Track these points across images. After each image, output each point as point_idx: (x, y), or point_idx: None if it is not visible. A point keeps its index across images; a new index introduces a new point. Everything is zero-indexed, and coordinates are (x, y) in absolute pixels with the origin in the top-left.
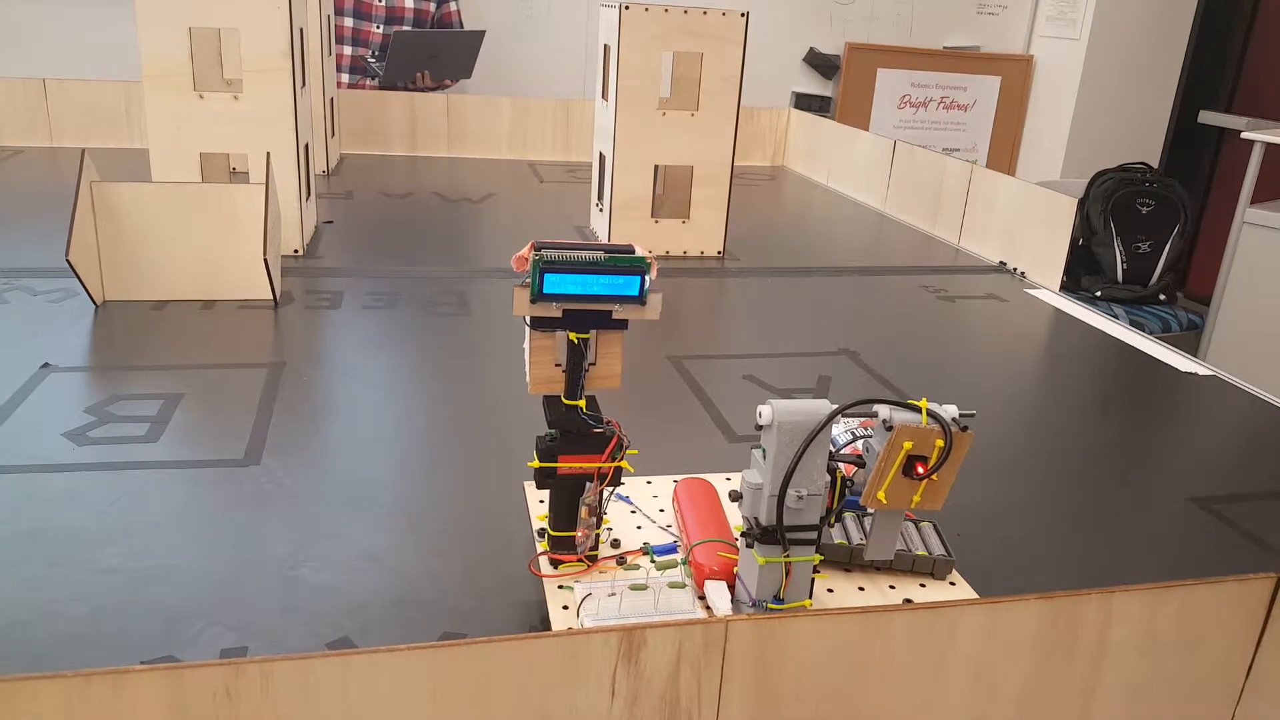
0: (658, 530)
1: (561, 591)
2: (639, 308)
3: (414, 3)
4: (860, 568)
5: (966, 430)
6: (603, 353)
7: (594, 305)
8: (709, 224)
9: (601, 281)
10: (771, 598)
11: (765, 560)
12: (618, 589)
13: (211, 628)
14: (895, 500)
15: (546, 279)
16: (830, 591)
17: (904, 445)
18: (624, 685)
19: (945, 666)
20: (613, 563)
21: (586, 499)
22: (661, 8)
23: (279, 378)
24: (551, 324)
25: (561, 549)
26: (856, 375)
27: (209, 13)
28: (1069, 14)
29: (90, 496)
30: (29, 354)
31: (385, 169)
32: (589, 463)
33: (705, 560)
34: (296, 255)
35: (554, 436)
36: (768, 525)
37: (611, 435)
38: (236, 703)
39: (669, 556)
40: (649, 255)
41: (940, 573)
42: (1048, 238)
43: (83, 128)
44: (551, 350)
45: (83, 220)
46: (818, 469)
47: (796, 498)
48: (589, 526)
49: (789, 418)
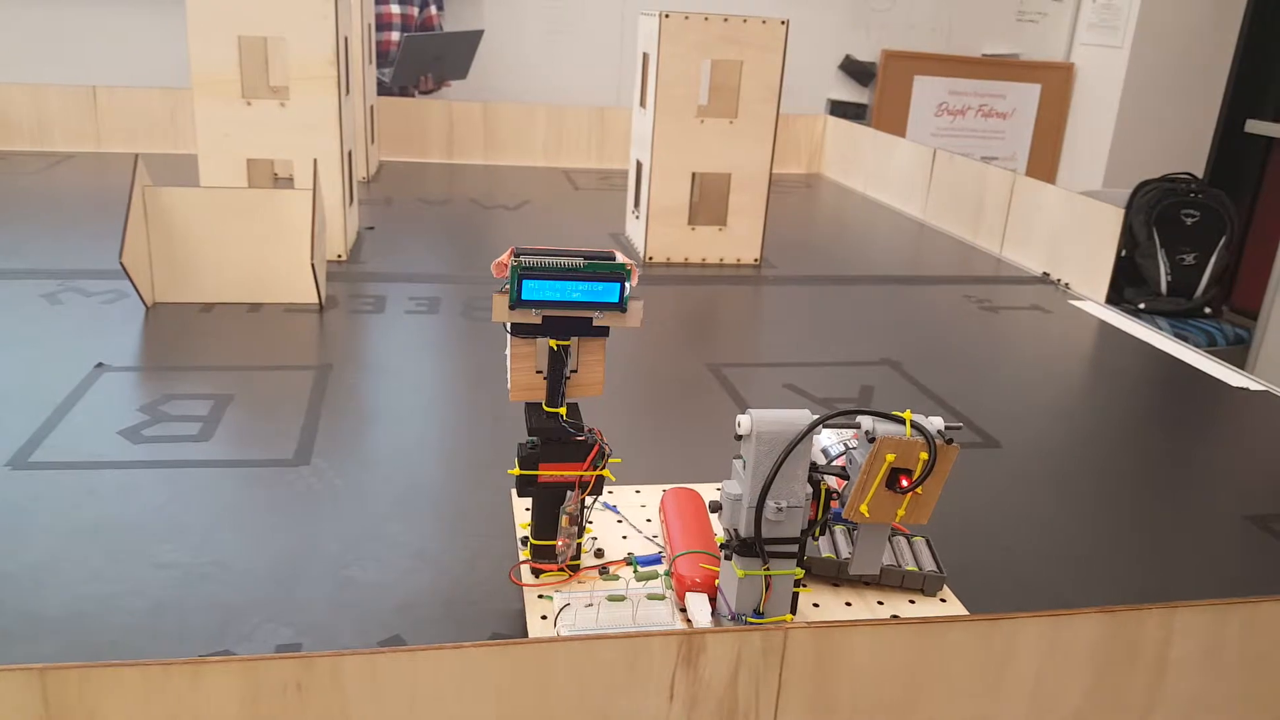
0: (644, 541)
1: (541, 601)
2: (620, 315)
3: (400, 8)
4: (849, 583)
5: (951, 443)
6: (585, 360)
7: (574, 312)
8: (746, 231)
9: (580, 288)
10: (751, 611)
11: (744, 573)
12: (595, 599)
13: (266, 624)
14: (879, 514)
15: (525, 285)
16: (816, 606)
17: (887, 457)
18: (683, 690)
19: (1003, 679)
20: (594, 573)
21: (567, 508)
22: (701, 16)
23: (326, 380)
24: (532, 330)
25: (542, 558)
26: (900, 386)
27: (257, 21)
28: (1111, 21)
29: (146, 493)
30: (83, 354)
31: (423, 176)
32: (570, 471)
33: (687, 572)
34: (340, 260)
35: (535, 444)
36: (746, 537)
37: (593, 444)
38: (306, 695)
39: (651, 568)
40: (629, 262)
41: (931, 589)
42: (1093, 249)
43: (130, 134)
44: (532, 357)
45: (135, 224)
46: (798, 480)
47: (776, 509)
48: (570, 536)
49: (768, 427)
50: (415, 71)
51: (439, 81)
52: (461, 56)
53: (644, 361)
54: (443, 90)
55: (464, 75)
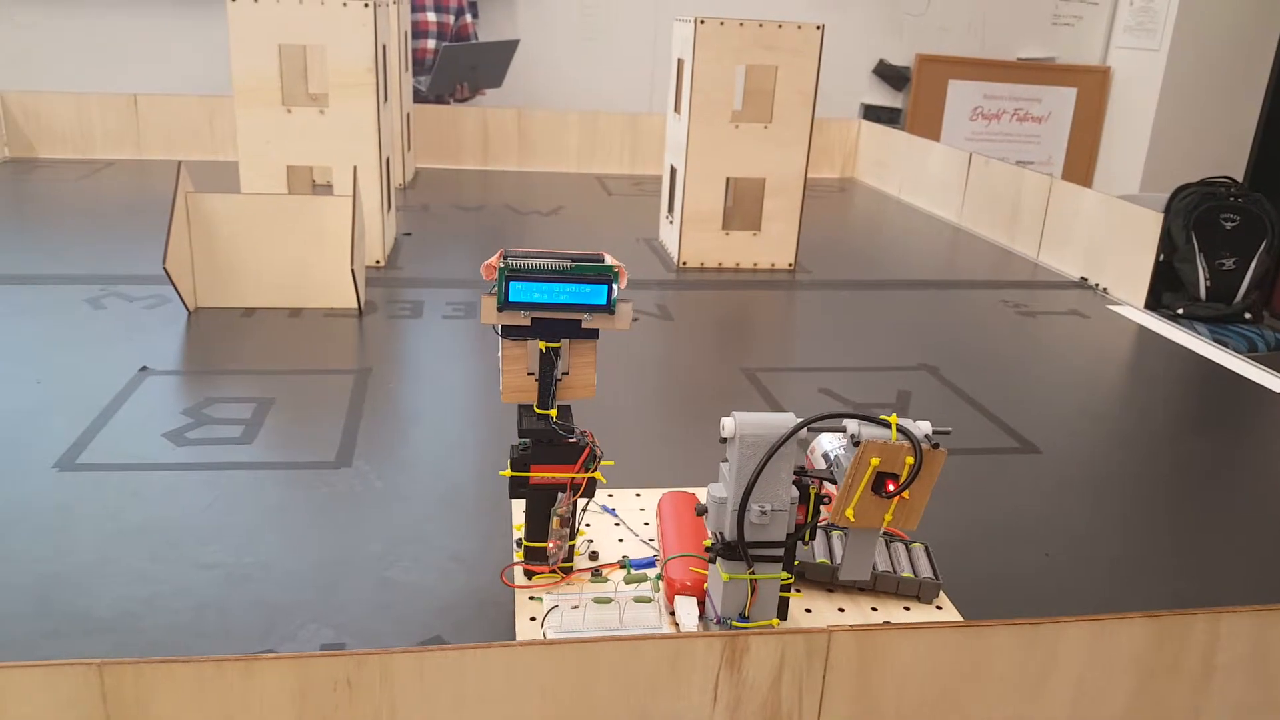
0: (639, 544)
1: (531, 603)
2: (608, 317)
3: (436, 17)
4: (843, 588)
5: (938, 448)
6: (576, 362)
7: (562, 314)
8: (780, 236)
9: (568, 290)
10: (737, 615)
11: (729, 576)
12: (583, 601)
13: (310, 624)
14: (865, 518)
15: (512, 287)
16: (808, 612)
17: (871, 461)
18: (726, 691)
19: (1046, 683)
20: (586, 575)
21: (558, 510)
22: (736, 22)
23: (365, 383)
24: (521, 332)
25: (535, 560)
26: (938, 391)
27: (298, 30)
28: (1148, 24)
29: (190, 495)
30: (128, 357)
31: (458, 182)
32: (561, 473)
33: (677, 575)
34: (378, 266)
35: (526, 446)
36: (731, 540)
37: (584, 446)
38: (356, 692)
39: (641, 571)
40: (617, 265)
41: (926, 596)
42: (1132, 253)
43: (169, 141)
44: (523, 359)
45: (178, 230)
46: (782, 484)
47: (760, 513)
48: (561, 538)
49: (750, 430)
50: (451, 81)
51: (474, 90)
52: (497, 66)
53: (679, 367)
54: (477, 98)
55: (499, 84)
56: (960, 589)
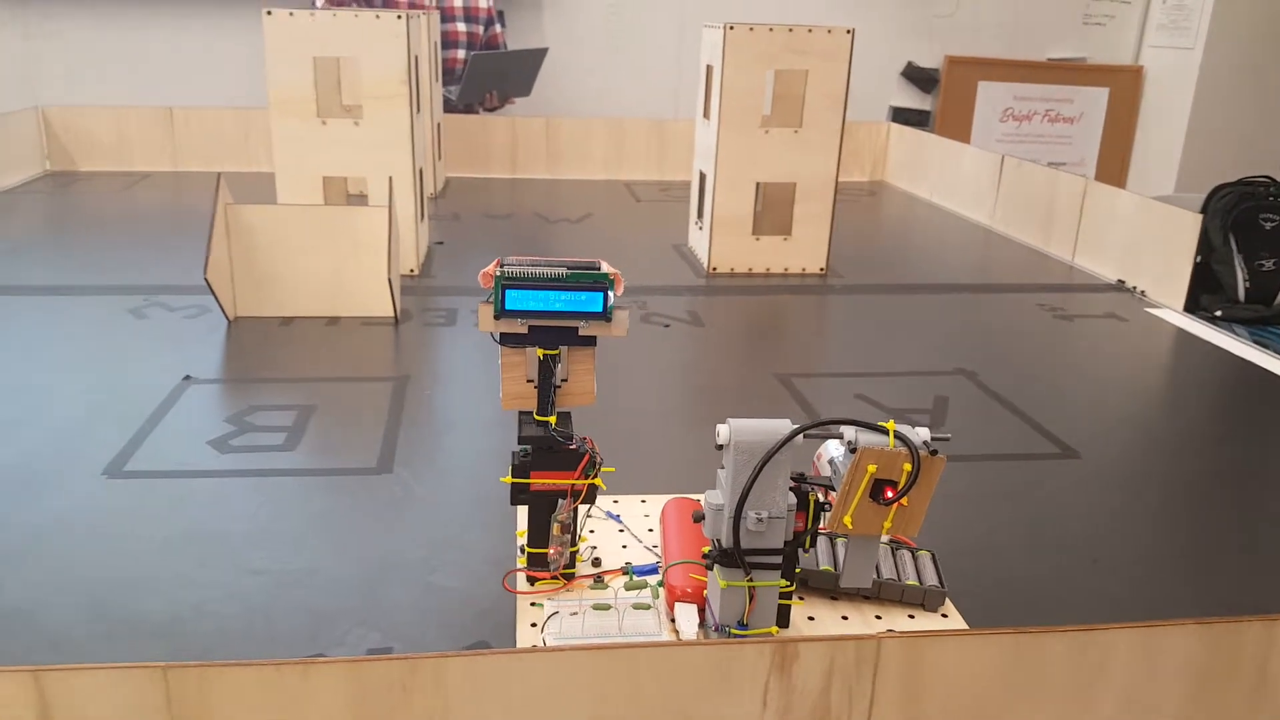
0: (643, 550)
1: (533, 609)
2: (605, 324)
3: (466, 27)
4: (848, 596)
5: (936, 454)
6: (574, 369)
7: (559, 321)
8: (811, 240)
9: (563, 298)
10: (735, 623)
11: (726, 584)
12: (582, 608)
13: (357, 629)
14: (863, 525)
15: (508, 295)
16: (811, 619)
17: (868, 468)
18: (776, 697)
19: (1096, 689)
20: (588, 581)
21: (559, 516)
22: (766, 27)
23: (404, 391)
24: (519, 339)
25: (537, 565)
26: (975, 396)
27: (333, 43)
28: (1182, 23)
29: (236, 501)
30: (170, 366)
31: (488, 191)
32: (561, 479)
33: (678, 582)
34: (412, 275)
35: (527, 452)
36: (728, 547)
37: (584, 453)
38: (410, 695)
39: (643, 578)
40: (613, 272)
41: (932, 604)
42: (1170, 255)
43: (205, 153)
44: (522, 366)
45: (218, 241)
46: (779, 490)
47: (756, 519)
48: (561, 544)
49: (745, 437)
50: (480, 90)
51: (503, 100)
52: (526, 75)
53: (712, 372)
54: (505, 107)
55: (528, 93)
56: (1000, 595)
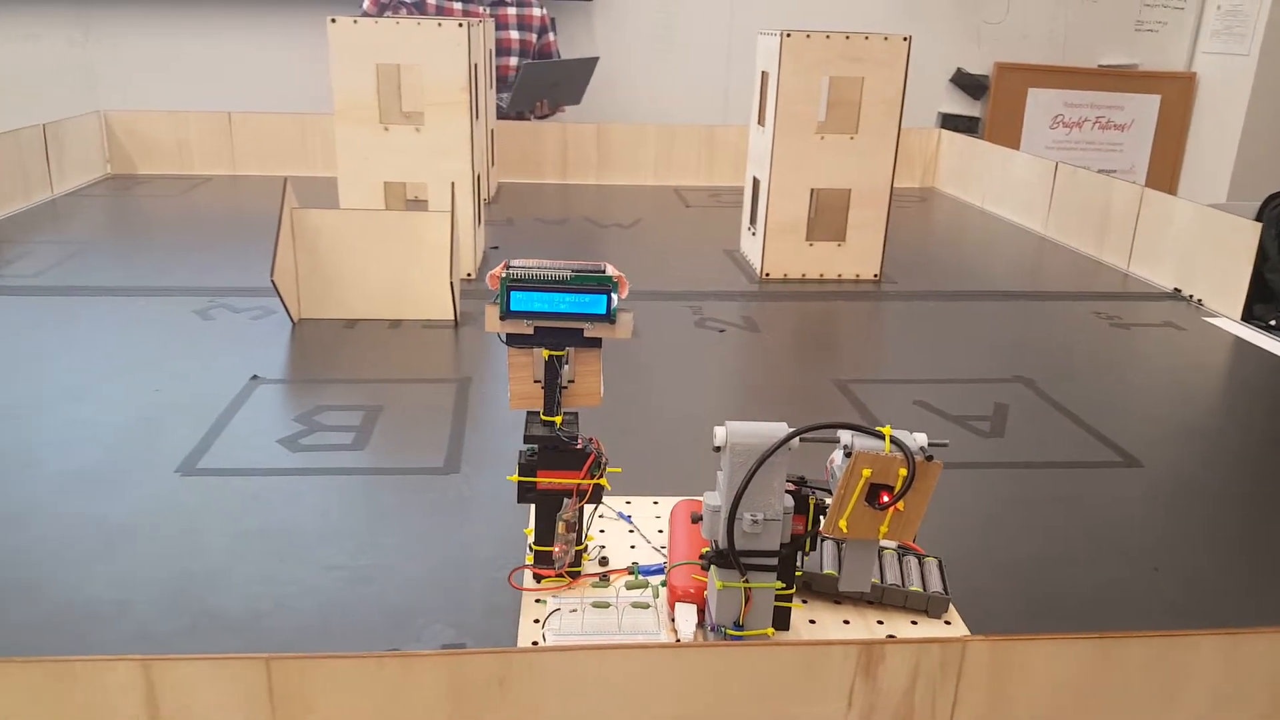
0: (651, 551)
1: (537, 606)
2: (609, 326)
3: (519, 35)
4: (851, 600)
5: (932, 460)
6: (580, 371)
7: (563, 323)
8: (865, 246)
9: (568, 300)
10: (731, 623)
11: (723, 584)
12: (582, 606)
13: (433, 624)
14: (859, 530)
15: (513, 296)
16: (812, 623)
17: (863, 473)
18: (860, 698)
19: (1179, 696)
20: (592, 580)
21: (564, 515)
22: (822, 34)
23: (467, 392)
24: (526, 340)
25: (543, 563)
26: (1034, 404)
27: (396, 50)
28: (1236, 29)
29: (308, 499)
30: (238, 367)
31: (540, 197)
32: (567, 478)
33: (679, 582)
34: (469, 279)
35: (533, 451)
36: (724, 549)
37: (590, 452)
38: (507, 689)
39: (645, 577)
40: (617, 275)
41: (935, 611)
42: (1227, 264)
43: (262, 157)
44: (529, 367)
45: (284, 244)
46: (774, 493)
47: (752, 521)
48: (567, 542)
49: (741, 439)
50: (531, 98)
51: (554, 108)
52: (576, 83)
53: (770, 378)
54: (557, 114)
55: (578, 101)
56: (1063, 602)
